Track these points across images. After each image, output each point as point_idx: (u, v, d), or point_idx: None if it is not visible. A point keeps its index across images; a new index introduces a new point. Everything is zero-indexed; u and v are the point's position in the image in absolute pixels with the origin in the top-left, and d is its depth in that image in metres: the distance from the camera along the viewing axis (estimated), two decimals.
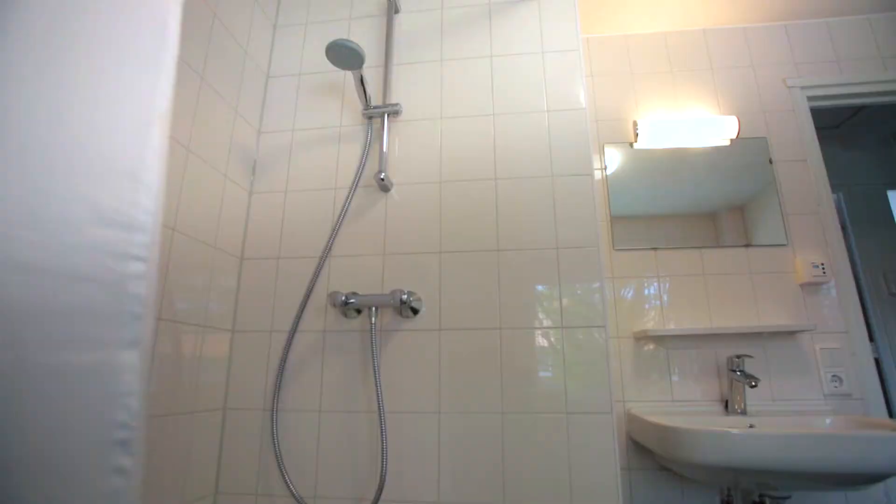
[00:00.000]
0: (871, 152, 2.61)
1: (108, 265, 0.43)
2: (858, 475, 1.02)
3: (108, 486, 0.41)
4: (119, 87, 0.48)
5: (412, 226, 1.32)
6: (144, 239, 0.45)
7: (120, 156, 0.46)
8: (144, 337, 0.45)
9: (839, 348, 1.44)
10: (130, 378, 0.43)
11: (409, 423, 1.18)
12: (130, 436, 0.43)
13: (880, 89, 1.71)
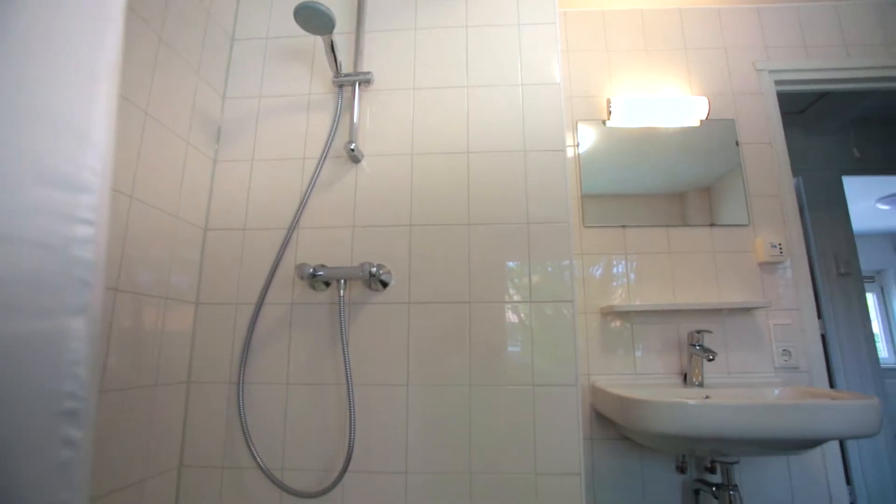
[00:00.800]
0: (831, 138, 2.70)
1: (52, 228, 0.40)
2: (801, 440, 1.09)
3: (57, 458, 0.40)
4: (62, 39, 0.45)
5: (383, 198, 1.30)
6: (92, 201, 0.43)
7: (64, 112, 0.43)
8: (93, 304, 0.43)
9: (790, 324, 1.51)
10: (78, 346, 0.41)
11: (377, 395, 1.19)
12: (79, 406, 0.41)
13: (842, 76, 1.75)
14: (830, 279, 2.46)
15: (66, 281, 0.41)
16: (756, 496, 1.40)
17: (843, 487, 1.43)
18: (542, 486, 1.12)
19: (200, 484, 1.18)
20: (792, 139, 2.49)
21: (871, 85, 1.78)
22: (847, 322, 2.42)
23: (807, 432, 1.04)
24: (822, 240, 2.51)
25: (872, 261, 5.29)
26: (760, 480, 1.42)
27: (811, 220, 2.55)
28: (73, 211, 0.42)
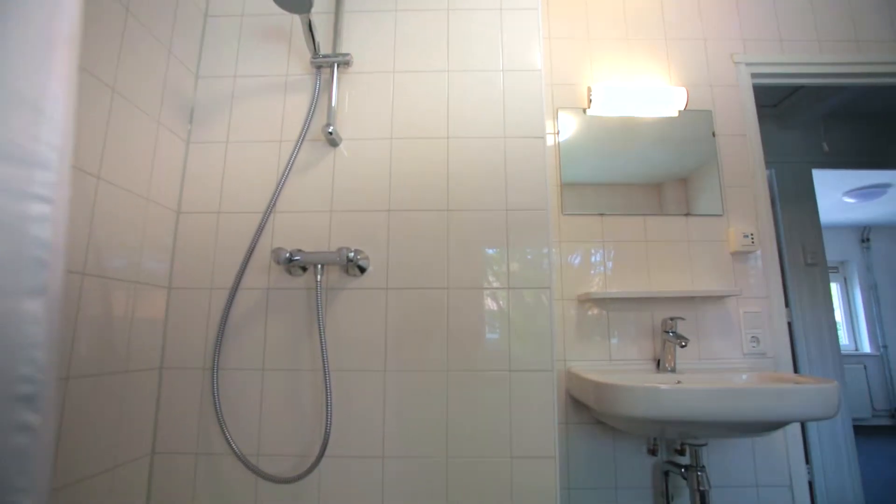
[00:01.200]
0: (802, 132, 2.77)
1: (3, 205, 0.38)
2: (766, 423, 1.13)
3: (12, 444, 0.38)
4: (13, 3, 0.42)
5: (361, 183, 1.28)
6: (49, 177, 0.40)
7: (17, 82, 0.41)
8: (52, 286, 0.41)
9: (759, 312, 1.56)
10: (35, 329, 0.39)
11: (354, 380, 1.19)
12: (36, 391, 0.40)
13: (814, 71, 1.79)
14: (798, 269, 2.54)
15: (21, 261, 0.39)
16: (722, 476, 1.45)
17: (802, 467, 1.49)
18: (517, 470, 1.14)
19: (173, 471, 1.16)
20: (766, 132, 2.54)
21: (840, 80, 1.82)
22: (812, 310, 2.50)
23: (771, 415, 1.08)
24: (791, 231, 2.59)
25: (837, 252, 5.48)
26: (726, 461, 1.47)
27: (782, 211, 2.62)
28: (26, 187, 0.39)
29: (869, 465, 3.40)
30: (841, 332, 5.44)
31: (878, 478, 3.21)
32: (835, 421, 2.38)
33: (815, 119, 2.75)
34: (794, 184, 2.67)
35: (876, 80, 1.83)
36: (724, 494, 1.45)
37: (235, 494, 1.15)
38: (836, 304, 5.43)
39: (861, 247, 5.53)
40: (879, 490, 2.95)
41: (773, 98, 2.65)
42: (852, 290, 5.55)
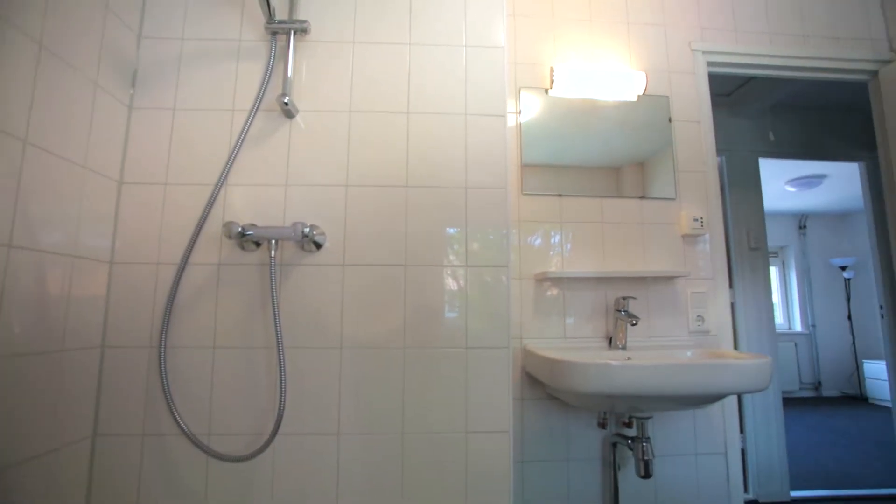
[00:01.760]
0: (751, 122, 2.89)
1: None
2: (707, 396, 1.20)
3: None
4: None
5: (318, 156, 1.24)
6: None
7: None
8: None
9: (705, 292, 1.64)
10: None
11: (309, 357, 1.17)
12: None
13: (766, 62, 1.86)
14: (742, 252, 2.69)
15: None
16: (665, 445, 1.54)
17: (736, 436, 1.60)
18: (471, 444, 1.17)
19: (117, 453, 1.12)
20: (718, 120, 2.64)
21: (788, 73, 1.90)
22: (753, 292, 2.66)
23: (711, 388, 1.14)
24: (737, 216, 2.72)
25: (777, 238, 5.84)
26: (669, 432, 1.55)
27: (730, 197, 2.75)
28: None
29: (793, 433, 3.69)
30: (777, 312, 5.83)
31: (800, 443, 3.51)
32: (766, 393, 2.56)
33: (764, 109, 2.88)
34: (742, 171, 2.79)
35: (819, 74, 1.93)
36: (666, 462, 1.54)
37: (185, 475, 1.12)
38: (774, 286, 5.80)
39: (798, 233, 5.90)
40: (800, 454, 3.22)
41: (727, 87, 2.75)
42: (789, 274, 5.93)
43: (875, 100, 1.96)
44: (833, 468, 3.00)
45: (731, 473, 1.57)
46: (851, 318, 5.59)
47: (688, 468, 1.55)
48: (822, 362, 5.61)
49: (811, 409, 4.84)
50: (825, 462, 3.12)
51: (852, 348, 5.55)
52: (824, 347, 5.63)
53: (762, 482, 2.48)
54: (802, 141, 2.95)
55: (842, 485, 2.71)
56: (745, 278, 2.66)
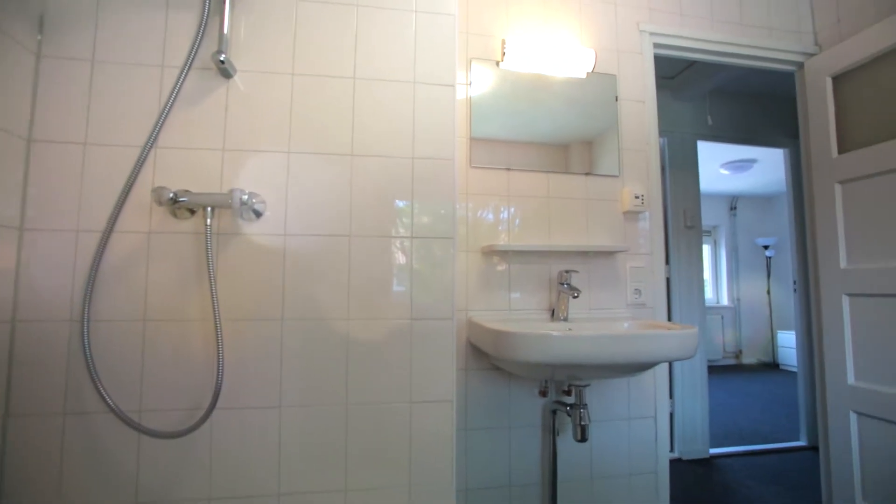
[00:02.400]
0: (692, 105, 3.02)
1: None
2: (641, 364, 1.27)
3: None
4: None
5: (258, 121, 1.17)
6: None
7: None
8: None
9: (643, 267, 1.72)
10: None
11: (249, 330, 1.13)
12: None
13: (707, 48, 1.92)
14: (678, 230, 2.84)
15: None
16: (601, 411, 1.63)
17: (666, 401, 1.72)
18: (416, 414, 1.18)
19: (34, 434, 1.04)
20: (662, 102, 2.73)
21: (726, 59, 1.99)
22: (687, 268, 2.82)
23: (645, 356, 1.21)
24: (675, 196, 2.86)
25: (711, 217, 6.21)
26: (605, 399, 1.64)
27: (670, 177, 2.87)
28: None
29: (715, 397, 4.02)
30: (707, 287, 6.25)
31: (721, 406, 3.84)
32: (693, 362, 2.75)
33: (704, 94, 3.00)
34: (681, 153, 2.92)
35: (754, 62, 2.02)
36: (602, 427, 1.63)
37: (114, 454, 1.06)
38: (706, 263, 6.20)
39: (729, 214, 6.31)
40: (720, 416, 3.53)
41: (672, 70, 2.84)
42: (719, 252, 6.35)
43: (800, 90, 2.08)
44: (746, 427, 3.30)
45: (659, 435, 1.69)
46: (770, 293, 6.09)
47: (621, 431, 1.65)
48: (744, 333, 6.11)
49: (732, 376, 5.28)
50: (740, 422, 3.43)
51: (769, 320, 6.07)
52: (746, 320, 6.12)
53: (686, 442, 2.70)
54: (736, 126, 3.12)
55: (753, 441, 2.99)
56: (680, 255, 2.82)
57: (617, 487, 1.63)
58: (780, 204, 6.01)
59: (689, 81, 2.88)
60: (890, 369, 1.67)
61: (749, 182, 5.50)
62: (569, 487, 1.58)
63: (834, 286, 1.87)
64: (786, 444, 2.94)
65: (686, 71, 2.83)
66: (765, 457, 2.75)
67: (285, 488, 1.13)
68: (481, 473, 1.52)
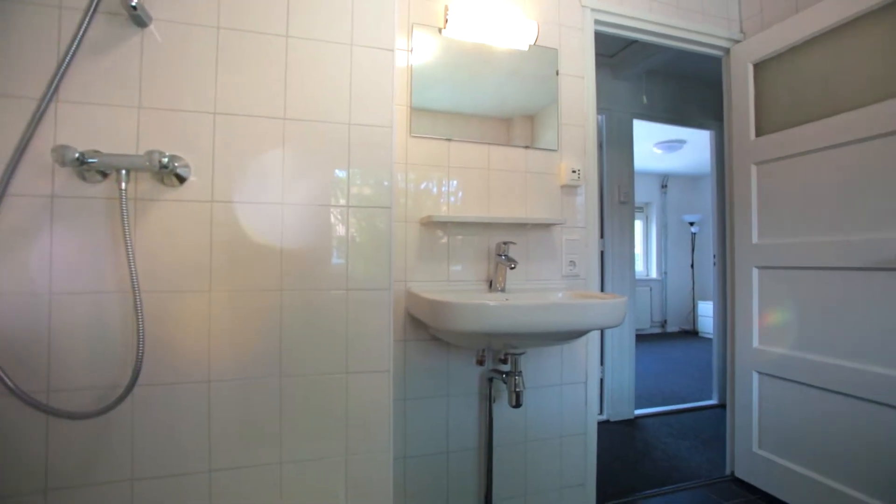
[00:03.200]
0: (630, 84, 3.11)
1: None
2: (574, 331, 1.33)
3: None
4: None
5: (179, 77, 1.08)
6: None
7: None
8: None
9: (578, 240, 1.78)
10: None
11: (174, 302, 1.06)
12: None
13: (645, 28, 1.98)
14: (613, 205, 2.96)
15: None
16: (536, 378, 1.70)
17: (596, 367, 1.82)
18: (352, 384, 1.17)
19: None
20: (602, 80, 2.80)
21: (662, 41, 2.05)
22: (619, 242, 2.97)
23: (577, 325, 1.26)
24: (611, 172, 2.97)
25: (643, 195, 6.54)
26: (540, 366, 1.71)
27: (606, 154, 2.97)
28: None
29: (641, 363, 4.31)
30: (638, 260, 6.63)
31: (646, 371, 4.13)
32: (623, 330, 2.93)
33: (640, 74, 3.10)
34: (618, 130, 3.02)
35: (687, 45, 2.11)
36: (537, 393, 1.70)
37: (16, 439, 0.98)
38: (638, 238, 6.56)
39: (660, 192, 6.67)
40: (645, 380, 3.80)
41: (612, 48, 2.90)
42: (650, 227, 6.73)
43: (725, 75, 2.20)
44: (667, 389, 3.58)
45: (589, 399, 1.79)
46: (693, 267, 6.56)
47: (554, 397, 1.74)
48: (669, 304, 6.56)
49: (657, 343, 5.68)
50: (662, 385, 3.72)
51: (692, 292, 6.55)
52: (672, 291, 6.57)
53: (614, 405, 2.89)
54: (669, 107, 3.26)
55: (672, 401, 3.26)
56: (613, 229, 2.95)
57: (549, 449, 1.72)
58: (706, 183, 6.42)
59: (627, 61, 2.96)
60: (787, 334, 1.85)
61: (679, 162, 5.82)
62: (504, 451, 1.65)
63: (746, 259, 2.04)
64: (700, 403, 3.23)
65: (625, 50, 2.90)
66: (682, 415, 3.01)
67: (217, 464, 1.09)
68: (420, 441, 1.56)
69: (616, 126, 3.02)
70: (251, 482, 1.11)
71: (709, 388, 3.44)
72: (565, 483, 1.75)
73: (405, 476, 1.53)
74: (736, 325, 2.09)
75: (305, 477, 1.15)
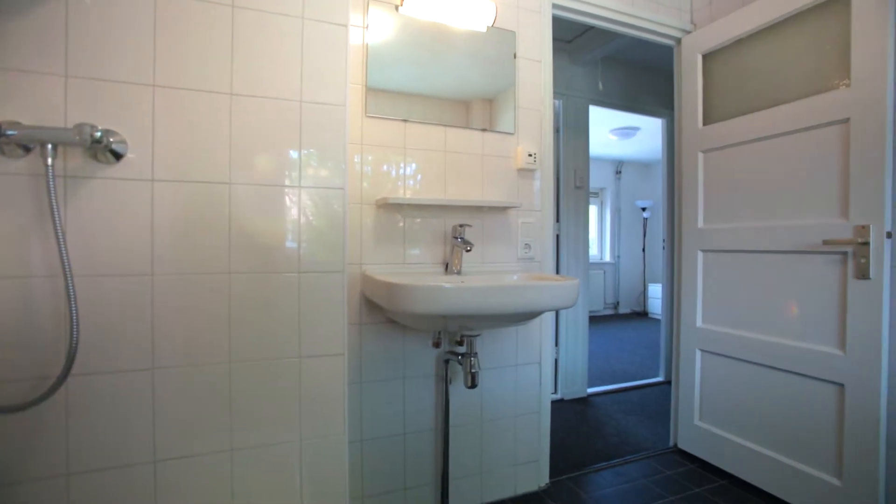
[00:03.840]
0: (587, 70, 3.16)
1: None
2: (528, 313, 1.35)
3: None
4: None
5: (112, 45, 1.00)
6: None
7: None
8: None
9: (534, 223, 1.81)
10: None
11: (112, 286, 1.01)
12: None
13: (601, 14, 2.00)
14: (568, 190, 3.02)
15: None
16: (492, 359, 1.73)
17: (550, 348, 1.87)
18: (305, 368, 1.16)
19: None
20: (559, 65, 2.82)
21: (618, 28, 2.09)
22: (575, 226, 3.04)
23: (531, 306, 1.29)
24: (567, 157, 3.02)
25: (599, 180, 6.71)
26: (495, 348, 1.74)
27: (563, 139, 3.02)
28: None
29: (594, 343, 4.48)
30: (593, 244, 6.83)
31: (599, 351, 4.30)
32: (577, 313, 3.02)
33: (597, 60, 3.15)
34: (574, 116, 3.07)
35: (641, 34, 2.15)
36: (493, 374, 1.74)
37: None
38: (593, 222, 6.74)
39: (615, 177, 6.86)
40: (597, 360, 3.95)
41: (569, 34, 2.93)
42: (605, 212, 6.93)
43: (676, 65, 2.27)
44: (618, 368, 3.74)
45: (543, 379, 1.84)
46: (645, 251, 6.83)
47: (509, 377, 1.77)
48: (622, 286, 6.82)
49: (609, 324, 5.91)
50: (614, 364, 3.87)
51: (643, 275, 6.83)
52: (624, 274, 6.82)
53: (568, 384, 2.99)
54: (624, 94, 3.34)
55: (622, 379, 3.41)
56: (569, 213, 3.02)
57: (504, 428, 1.77)
58: (658, 170, 6.66)
59: (584, 47, 2.99)
60: (727, 313, 1.97)
61: (633, 148, 5.99)
62: (460, 431, 1.68)
63: (692, 243, 2.13)
64: (648, 380, 3.39)
65: (582, 36, 2.94)
66: (631, 392, 3.15)
67: (162, 454, 1.05)
68: (377, 423, 1.56)
69: (573, 111, 3.07)
70: (200, 471, 1.08)
71: (657, 366, 3.61)
72: (520, 460, 1.80)
73: (362, 459, 1.53)
74: (682, 305, 2.19)
75: (258, 464, 1.13)
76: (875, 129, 1.47)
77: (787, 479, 1.72)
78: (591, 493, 1.84)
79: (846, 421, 1.54)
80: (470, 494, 1.71)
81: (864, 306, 1.50)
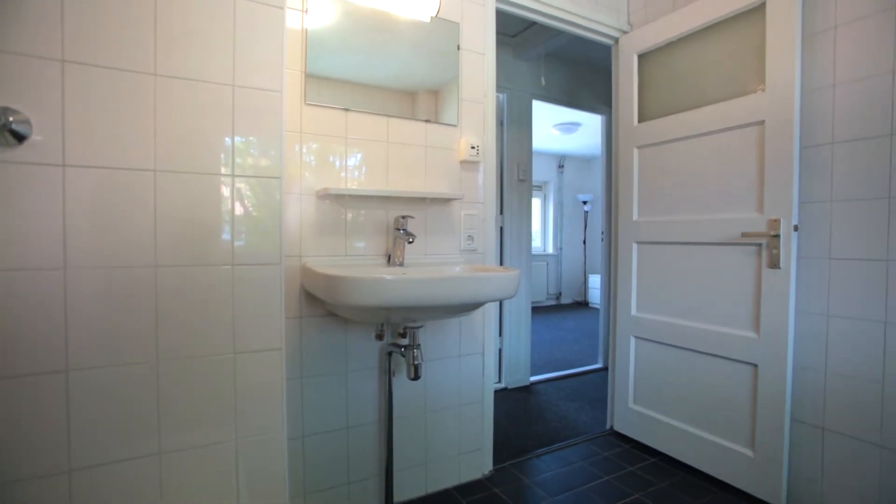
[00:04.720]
0: (531, 65, 3.22)
1: None
2: (470, 303, 1.37)
3: None
4: None
5: (11, 14, 0.90)
6: None
7: None
8: None
9: (477, 215, 1.83)
10: None
11: (17, 280, 0.91)
12: None
13: (543, 10, 2.04)
14: (512, 183, 3.07)
15: None
16: (435, 350, 1.74)
17: (493, 338, 1.91)
18: (241, 365, 1.11)
19: None
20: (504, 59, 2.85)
21: (560, 25, 2.14)
22: (518, 218, 3.10)
23: (472, 297, 1.31)
24: (511, 150, 3.07)
25: (542, 174, 6.89)
26: (438, 339, 1.75)
27: (507, 132, 3.06)
28: None
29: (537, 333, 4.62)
30: (536, 237, 7.01)
31: (541, 341, 4.44)
32: (520, 302, 3.10)
33: (540, 56, 3.21)
34: (518, 110, 3.12)
35: (581, 31, 2.22)
36: (436, 365, 1.75)
37: None
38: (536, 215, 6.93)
39: (557, 171, 7.07)
40: (540, 349, 4.08)
41: (513, 28, 2.96)
42: (548, 205, 7.13)
43: (614, 63, 2.36)
44: (559, 356, 3.88)
45: (486, 369, 1.88)
46: (586, 243, 7.10)
47: (452, 368, 1.79)
48: (564, 277, 7.06)
49: (552, 314, 6.11)
50: (555, 352, 4.02)
51: (584, 266, 7.11)
52: (566, 266, 7.07)
53: (511, 373, 3.07)
54: (566, 90, 3.43)
55: (563, 367, 3.54)
56: (512, 206, 3.08)
57: (448, 418, 1.79)
58: (598, 165, 6.93)
59: (528, 42, 3.05)
60: (659, 302, 2.09)
61: (575, 143, 6.19)
62: (404, 423, 1.68)
63: (627, 235, 2.24)
64: (588, 367, 3.54)
65: (526, 31, 2.99)
66: (571, 379, 3.28)
67: (78, 463, 0.98)
68: (319, 418, 1.53)
69: (516, 105, 3.12)
70: (123, 478, 1.01)
71: (596, 353, 3.78)
72: (464, 448, 1.83)
73: (304, 455, 1.50)
74: (618, 295, 2.30)
75: (191, 466, 1.08)
76: (785, 131, 1.60)
77: (709, 453, 1.86)
78: (533, 478, 1.90)
79: (759, 397, 1.69)
80: (414, 485, 1.72)
81: (774, 293, 1.64)
